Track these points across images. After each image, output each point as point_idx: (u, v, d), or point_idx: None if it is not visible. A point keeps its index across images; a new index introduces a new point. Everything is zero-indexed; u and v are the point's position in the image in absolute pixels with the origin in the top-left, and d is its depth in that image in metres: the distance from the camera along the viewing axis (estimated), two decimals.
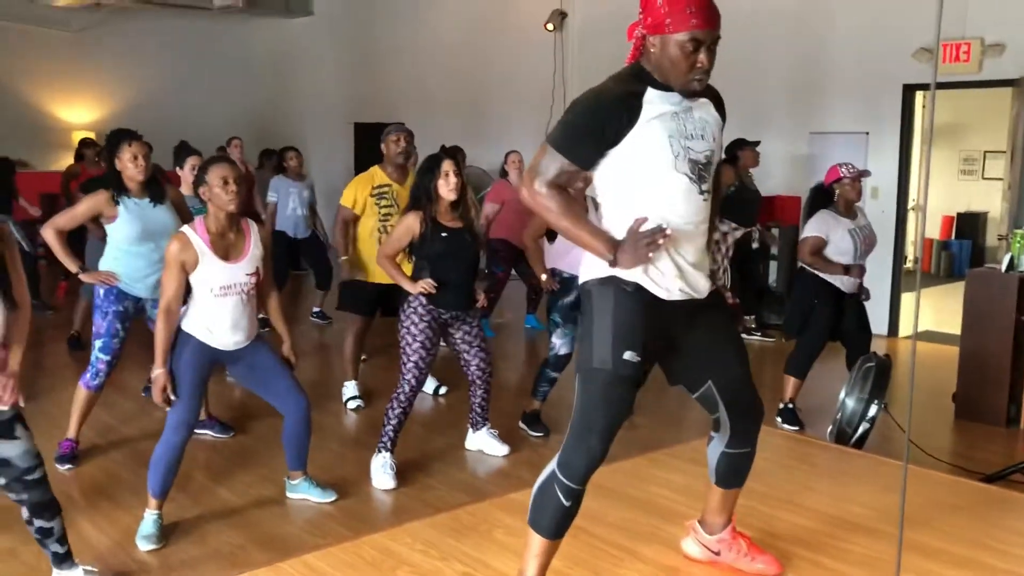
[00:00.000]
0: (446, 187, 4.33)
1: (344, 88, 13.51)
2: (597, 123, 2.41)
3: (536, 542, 2.61)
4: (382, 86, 12.75)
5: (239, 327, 3.71)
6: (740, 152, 7.52)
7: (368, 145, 12.72)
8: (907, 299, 8.52)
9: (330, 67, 13.75)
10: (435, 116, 11.40)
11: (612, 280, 2.48)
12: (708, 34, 2.44)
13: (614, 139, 2.41)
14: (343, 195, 5.52)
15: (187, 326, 3.68)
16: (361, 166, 5.70)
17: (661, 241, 2.38)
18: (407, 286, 4.38)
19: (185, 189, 5.20)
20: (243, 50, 14.17)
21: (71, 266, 4.49)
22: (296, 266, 9.07)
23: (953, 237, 12.29)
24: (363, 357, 6.25)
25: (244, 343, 3.76)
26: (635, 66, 2.51)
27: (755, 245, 7.63)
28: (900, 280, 8.26)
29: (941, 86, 7.76)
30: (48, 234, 4.46)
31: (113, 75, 12.88)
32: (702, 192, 2.51)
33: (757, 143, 7.56)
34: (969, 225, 12.13)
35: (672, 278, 2.48)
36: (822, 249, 5.22)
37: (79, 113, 12.93)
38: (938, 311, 9.43)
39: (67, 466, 4.50)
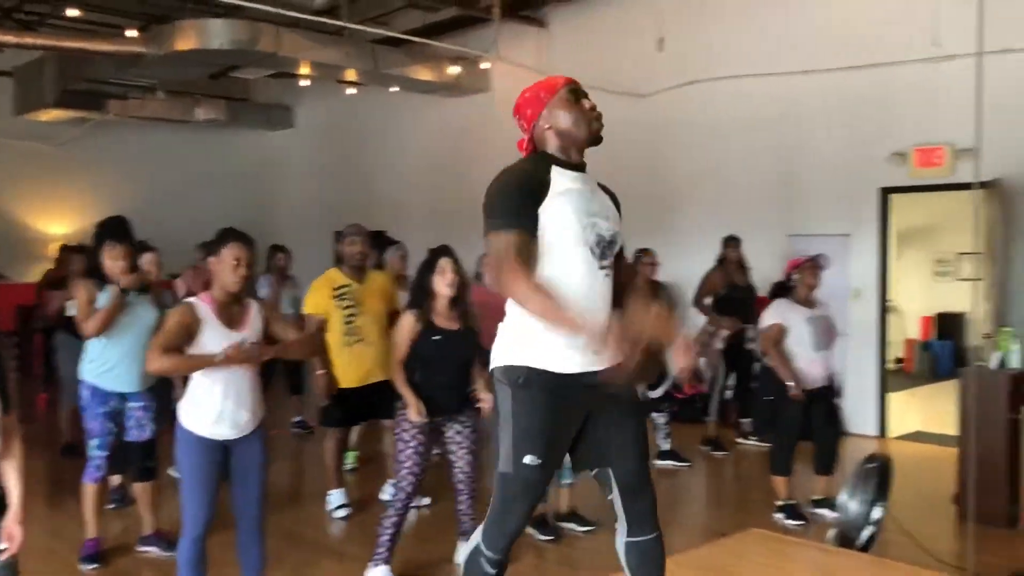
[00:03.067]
0: (443, 283, 4.32)
1: (325, 197, 13.63)
2: (525, 194, 2.54)
3: None
4: (363, 195, 12.87)
5: (243, 403, 3.57)
6: (724, 251, 7.60)
7: None
8: (893, 399, 8.50)
9: (311, 177, 13.90)
10: (415, 224, 11.47)
11: (508, 371, 2.57)
12: (576, 85, 2.68)
13: (535, 209, 2.53)
14: (305, 304, 5.49)
15: (187, 421, 3.56)
16: None
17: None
18: (408, 400, 4.28)
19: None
20: (225, 161, 14.31)
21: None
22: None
23: (935, 337, 12.36)
24: (348, 466, 6.09)
25: (250, 426, 3.61)
26: (533, 153, 2.69)
27: (752, 345, 7.58)
28: (886, 380, 8.25)
29: (917, 189, 7.94)
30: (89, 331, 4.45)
31: (96, 187, 12.91)
32: (602, 267, 2.61)
33: (732, 238, 7.63)
34: (949, 325, 12.23)
35: (573, 352, 2.53)
36: (783, 338, 5.24)
37: (59, 224, 12.90)
38: (925, 412, 9.40)
39: (93, 566, 4.49)
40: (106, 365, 4.50)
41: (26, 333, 10.68)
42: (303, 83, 11.52)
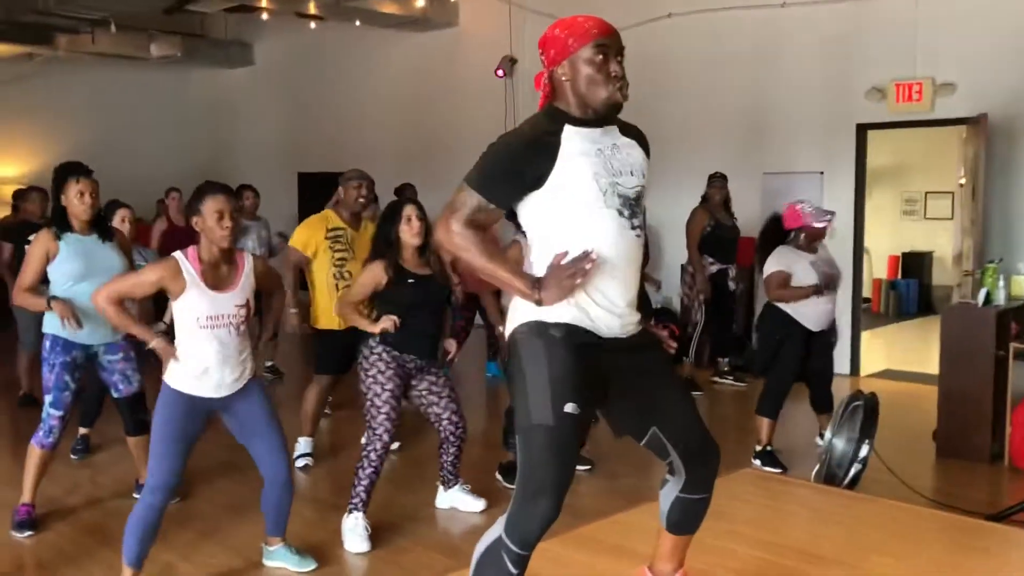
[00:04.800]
0: (410, 232, 4.17)
1: (287, 138, 13.26)
2: (515, 166, 2.34)
3: None
4: (326, 136, 12.54)
5: (229, 363, 3.40)
6: (707, 189, 7.44)
7: (311, 195, 12.46)
8: (867, 338, 8.52)
9: (272, 117, 13.49)
10: (381, 164, 11.17)
11: (539, 326, 2.35)
12: (611, 40, 2.40)
13: (535, 182, 2.33)
14: (293, 236, 5.25)
15: (171, 379, 3.39)
16: (305, 216, 5.58)
17: (588, 267, 2.26)
18: (367, 327, 4.13)
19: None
20: (182, 100, 13.84)
21: (41, 306, 4.16)
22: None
23: (900, 276, 12.43)
24: (326, 411, 5.95)
25: (237, 384, 3.46)
26: (548, 107, 2.45)
27: (732, 285, 7.47)
28: (860, 319, 8.24)
29: (897, 125, 7.83)
30: (20, 300, 4.21)
31: (46, 127, 12.41)
32: (634, 228, 2.41)
33: (717, 175, 7.48)
34: (914, 265, 12.28)
35: (605, 315, 2.37)
36: (787, 283, 5.17)
37: (8, 167, 12.41)
38: (893, 349, 9.47)
39: (27, 532, 4.23)
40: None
41: None
42: (263, 17, 11.07)
